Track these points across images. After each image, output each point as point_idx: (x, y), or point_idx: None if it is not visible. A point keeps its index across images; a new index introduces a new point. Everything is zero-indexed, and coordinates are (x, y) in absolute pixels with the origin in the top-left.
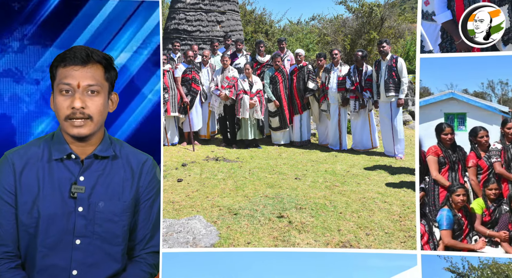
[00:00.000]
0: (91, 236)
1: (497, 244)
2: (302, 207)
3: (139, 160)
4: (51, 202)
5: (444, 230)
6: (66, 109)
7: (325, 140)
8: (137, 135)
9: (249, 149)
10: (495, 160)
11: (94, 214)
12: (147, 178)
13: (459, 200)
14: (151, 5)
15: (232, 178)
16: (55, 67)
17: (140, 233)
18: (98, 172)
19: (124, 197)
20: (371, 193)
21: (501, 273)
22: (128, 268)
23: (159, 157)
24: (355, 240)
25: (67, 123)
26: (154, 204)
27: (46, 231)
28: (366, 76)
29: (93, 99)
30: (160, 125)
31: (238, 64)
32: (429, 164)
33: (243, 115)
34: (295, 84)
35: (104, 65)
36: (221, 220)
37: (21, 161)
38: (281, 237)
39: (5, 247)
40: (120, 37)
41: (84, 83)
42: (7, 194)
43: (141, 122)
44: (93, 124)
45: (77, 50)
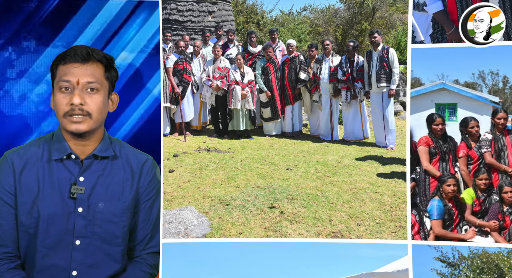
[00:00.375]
0: (91, 237)
1: (487, 234)
2: (293, 198)
3: (139, 160)
4: (51, 202)
5: (434, 220)
6: (65, 105)
7: (316, 131)
8: (137, 136)
9: (241, 139)
10: (486, 150)
11: (94, 214)
12: (147, 178)
13: (449, 190)
14: (151, 5)
15: (224, 169)
16: (56, 66)
17: (140, 234)
18: (98, 173)
19: (124, 197)
20: (362, 184)
21: (490, 262)
22: (128, 268)
23: (159, 157)
24: (346, 230)
25: (66, 119)
26: (154, 205)
27: (46, 231)
28: (357, 66)
29: (92, 97)
30: (160, 125)
31: (229, 55)
32: (420, 155)
33: (234, 105)
34: (287, 74)
35: (105, 64)
36: (212, 210)
37: (21, 161)
38: (272, 228)
39: (5, 248)
40: (120, 37)
41: (83, 80)
42: (6, 194)
43: (141, 123)
44: (91, 121)
45: (78, 48)
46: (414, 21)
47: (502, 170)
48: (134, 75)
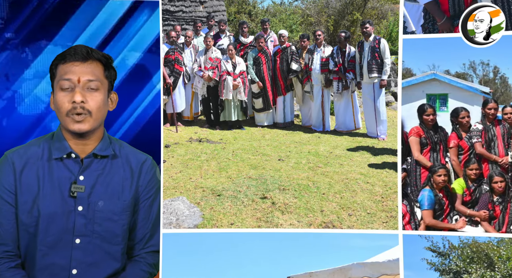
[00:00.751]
0: (90, 235)
1: (477, 224)
2: (285, 188)
3: (139, 160)
4: (51, 201)
5: (425, 210)
6: (67, 104)
7: (308, 122)
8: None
9: (233, 130)
10: (476, 140)
11: (94, 213)
12: (146, 178)
13: (440, 181)
14: (151, 5)
15: (216, 160)
16: (55, 65)
17: (139, 233)
18: (98, 172)
19: (124, 196)
20: (354, 174)
21: (480, 252)
22: (127, 267)
23: (159, 157)
24: (337, 220)
25: (68, 118)
26: (153, 204)
27: (46, 230)
28: (349, 57)
29: (93, 95)
30: (161, 126)
31: (221, 45)
32: (411, 145)
33: (226, 96)
34: (279, 65)
35: (104, 63)
36: (204, 201)
37: (21, 161)
38: (264, 218)
39: (5, 247)
40: (120, 36)
41: (84, 78)
42: (7, 193)
43: (141, 123)
44: (92, 119)
45: (77, 48)
46: (405, 11)
47: (492, 160)
48: (134, 75)
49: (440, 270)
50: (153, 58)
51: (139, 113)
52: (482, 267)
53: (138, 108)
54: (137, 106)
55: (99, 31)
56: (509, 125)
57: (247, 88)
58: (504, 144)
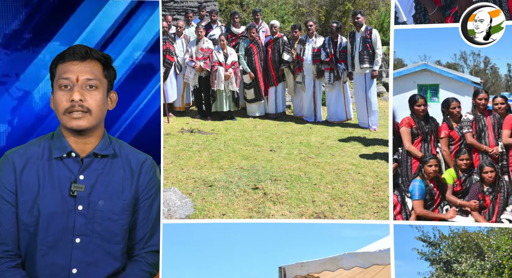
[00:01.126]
0: (90, 235)
1: (467, 213)
2: (277, 179)
3: (139, 160)
4: (51, 201)
5: (416, 200)
6: (66, 102)
7: (300, 112)
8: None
9: (224, 121)
10: (467, 130)
11: (94, 212)
12: (146, 178)
13: (431, 171)
14: (151, 5)
15: (207, 150)
16: (55, 65)
17: (139, 232)
18: (98, 171)
19: (124, 196)
20: (345, 165)
21: (470, 242)
22: (127, 267)
23: (159, 156)
24: (329, 211)
25: (66, 116)
26: (153, 203)
27: (46, 229)
28: (340, 47)
29: (91, 93)
30: (161, 125)
31: (212, 36)
32: (402, 136)
33: (218, 87)
34: (270, 56)
35: (103, 62)
36: (196, 192)
37: (21, 160)
38: (256, 209)
39: (5, 246)
40: (120, 36)
41: (82, 77)
42: (7, 193)
43: (141, 123)
44: (91, 117)
45: (76, 47)
46: (397, 2)
47: (483, 150)
48: (134, 75)
49: (430, 260)
50: (153, 58)
51: (139, 113)
52: (472, 256)
53: (138, 108)
54: (137, 106)
55: (99, 31)
56: (499, 115)
57: (238, 79)
58: (494, 134)
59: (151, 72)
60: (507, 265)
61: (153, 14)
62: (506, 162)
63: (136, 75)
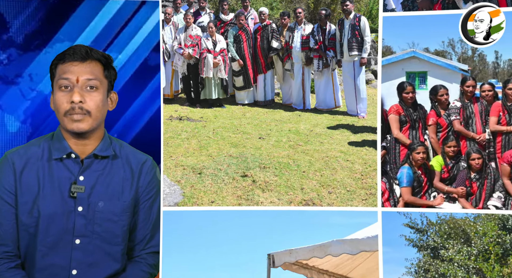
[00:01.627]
0: (90, 236)
1: (454, 200)
2: (265, 166)
3: (139, 160)
4: (51, 202)
5: (404, 187)
6: (66, 104)
7: (288, 100)
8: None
9: (213, 108)
10: (454, 118)
11: (94, 213)
12: (146, 179)
13: (419, 158)
14: (151, 5)
15: (196, 138)
16: (55, 65)
17: (140, 233)
18: (98, 172)
19: (124, 197)
20: (334, 152)
21: (457, 228)
22: (128, 268)
23: (159, 156)
24: (317, 198)
25: (66, 118)
26: (154, 204)
27: (46, 230)
28: (329, 35)
29: (91, 95)
30: (161, 126)
31: (201, 23)
32: (391, 123)
33: (206, 74)
34: (259, 43)
35: (103, 62)
36: (185, 179)
37: (21, 161)
38: (244, 196)
39: (5, 247)
40: (120, 37)
41: (83, 77)
42: (7, 194)
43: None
44: (91, 119)
45: (77, 48)
46: None
47: (470, 137)
48: (134, 75)
49: (418, 246)
50: (153, 58)
51: (138, 113)
52: (459, 242)
53: (137, 108)
54: (136, 106)
55: (99, 31)
56: (486, 102)
57: (227, 66)
58: (481, 121)
59: (151, 72)
60: (493, 251)
61: (153, 14)
62: (493, 149)
63: (136, 75)
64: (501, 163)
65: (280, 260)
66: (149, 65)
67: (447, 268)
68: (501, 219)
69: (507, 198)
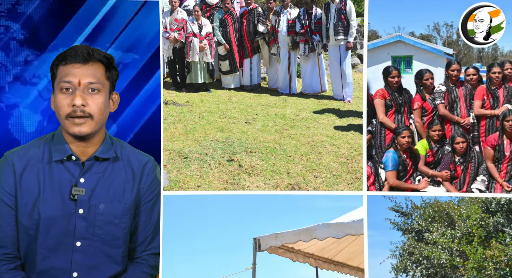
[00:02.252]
0: (91, 238)
1: (439, 184)
2: (252, 151)
3: (140, 162)
4: (52, 204)
5: (389, 171)
6: (67, 107)
7: (275, 84)
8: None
9: (199, 93)
10: (439, 102)
11: (95, 216)
12: (148, 180)
13: (404, 142)
14: (151, 5)
15: (182, 122)
16: (56, 66)
17: (141, 235)
18: (99, 174)
19: (125, 199)
20: (320, 137)
21: (442, 211)
22: (129, 269)
23: (159, 156)
24: (303, 182)
25: (68, 121)
26: (155, 206)
27: (47, 233)
28: (315, 19)
29: (93, 97)
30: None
31: (187, 6)
32: (376, 107)
33: (192, 58)
34: (245, 27)
35: (105, 64)
36: (171, 164)
37: (21, 162)
38: (231, 181)
39: (4, 249)
40: (120, 37)
41: (84, 80)
42: (7, 195)
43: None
44: (93, 122)
45: (78, 49)
46: None
47: (455, 121)
48: (134, 75)
49: (402, 229)
50: (153, 58)
51: (138, 112)
52: (443, 225)
53: (137, 108)
54: (136, 105)
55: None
56: (471, 86)
57: (213, 50)
58: (466, 105)
59: (150, 72)
60: (477, 233)
61: (153, 14)
62: (477, 133)
63: (136, 75)
64: (485, 146)
65: (266, 244)
66: (149, 64)
67: (431, 250)
68: (485, 202)
69: (491, 181)
